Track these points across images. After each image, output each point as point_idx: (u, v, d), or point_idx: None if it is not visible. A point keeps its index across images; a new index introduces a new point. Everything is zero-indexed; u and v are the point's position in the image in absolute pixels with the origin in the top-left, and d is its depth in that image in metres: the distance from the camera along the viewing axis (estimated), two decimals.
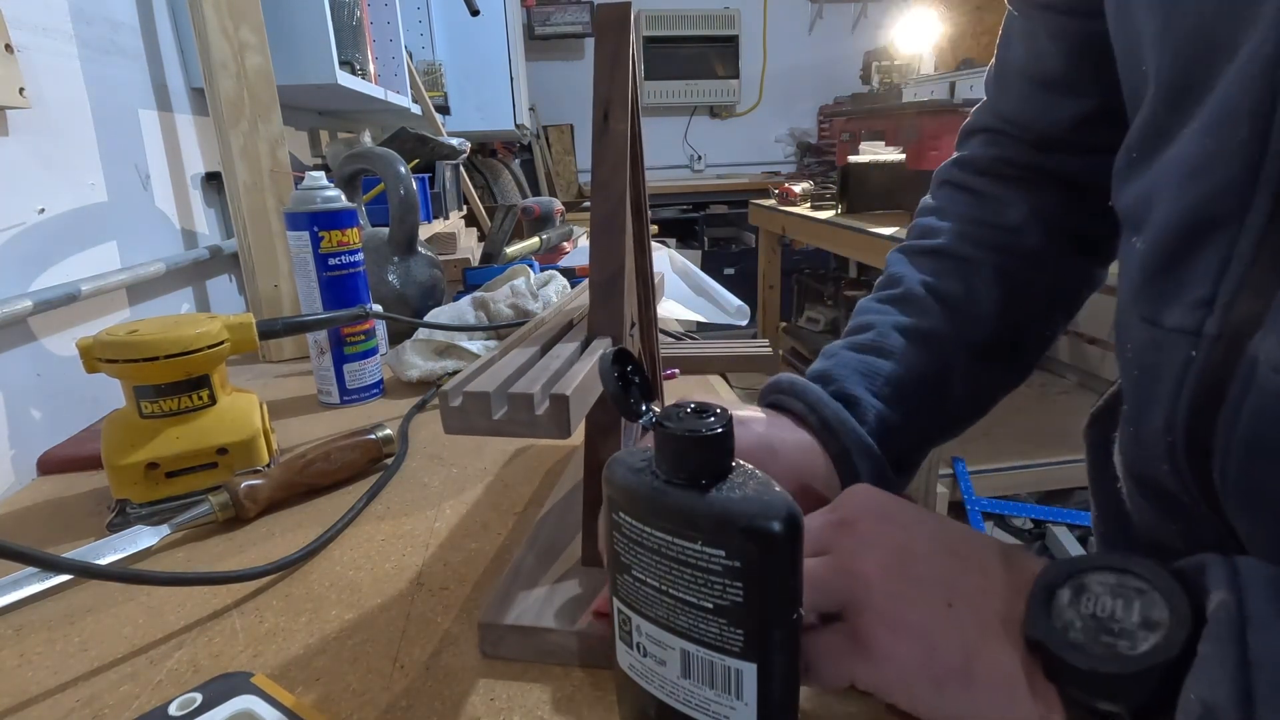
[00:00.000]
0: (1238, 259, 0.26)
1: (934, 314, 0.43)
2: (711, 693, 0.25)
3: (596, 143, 0.40)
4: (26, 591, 0.42)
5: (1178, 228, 0.29)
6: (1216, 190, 0.27)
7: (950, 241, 0.46)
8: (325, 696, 0.34)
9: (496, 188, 2.82)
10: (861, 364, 0.42)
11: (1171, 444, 0.30)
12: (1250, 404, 0.26)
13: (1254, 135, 0.25)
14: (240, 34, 0.81)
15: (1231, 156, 0.26)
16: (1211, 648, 0.20)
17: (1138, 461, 0.34)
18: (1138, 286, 0.32)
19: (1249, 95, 0.25)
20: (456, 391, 0.32)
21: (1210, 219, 0.27)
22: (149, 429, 0.51)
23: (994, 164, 0.47)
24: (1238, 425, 0.27)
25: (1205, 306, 0.28)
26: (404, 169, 0.89)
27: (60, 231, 0.69)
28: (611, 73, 0.40)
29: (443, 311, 0.84)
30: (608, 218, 0.40)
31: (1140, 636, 0.22)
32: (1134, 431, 0.33)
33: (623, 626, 0.27)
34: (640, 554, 0.25)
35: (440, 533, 0.49)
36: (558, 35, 3.85)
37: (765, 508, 0.23)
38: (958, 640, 0.25)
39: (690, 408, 0.25)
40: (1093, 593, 0.23)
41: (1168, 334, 0.29)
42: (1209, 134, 0.27)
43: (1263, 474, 0.27)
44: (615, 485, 0.26)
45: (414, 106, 1.75)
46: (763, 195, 3.02)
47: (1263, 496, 0.27)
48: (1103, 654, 0.22)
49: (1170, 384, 0.29)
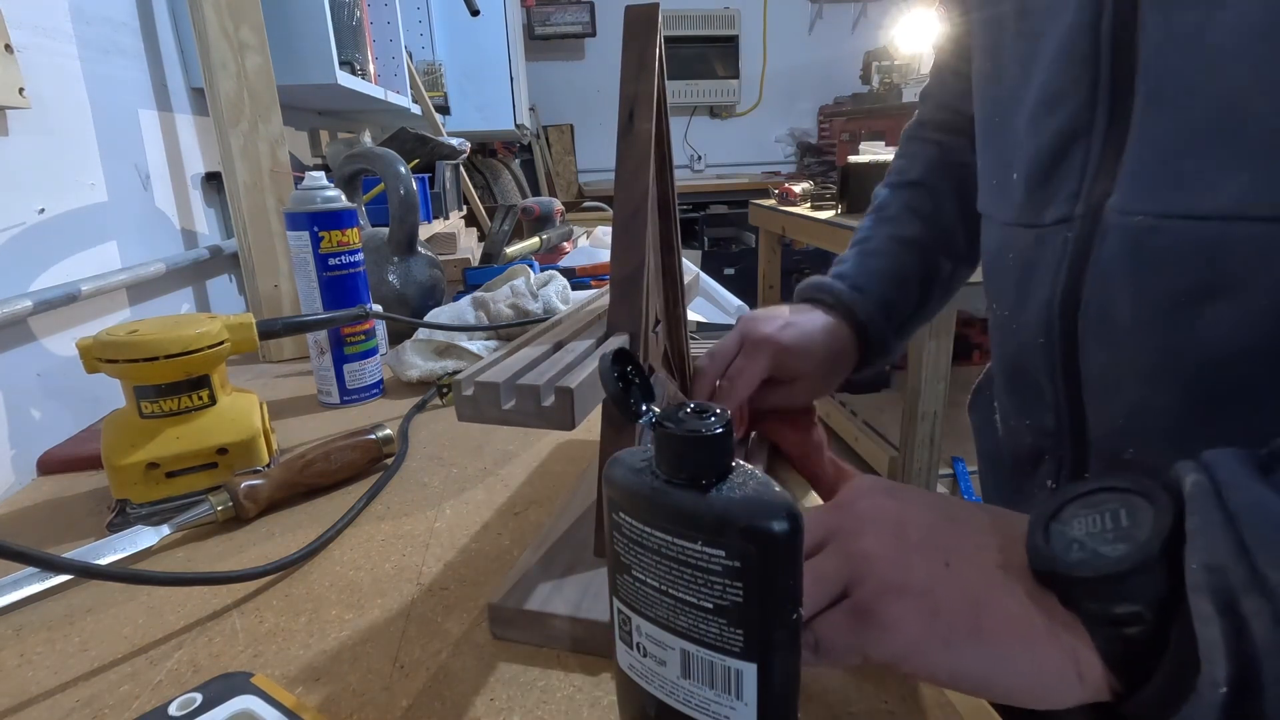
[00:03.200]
0: (1092, 157, 0.36)
1: (914, 225, 0.59)
2: (711, 693, 0.25)
3: (621, 142, 0.40)
4: (26, 591, 0.42)
5: (1049, 149, 0.38)
6: (1070, 114, 0.37)
7: (921, 176, 0.62)
8: (325, 696, 0.34)
9: (496, 188, 2.83)
10: (869, 266, 0.57)
11: (1049, 314, 0.39)
12: (1107, 245, 0.35)
13: (1088, 72, 0.35)
14: (240, 34, 0.81)
15: (1076, 90, 0.36)
16: (1197, 519, 0.22)
17: (1014, 357, 0.44)
18: (1020, 206, 0.41)
19: (1079, 47, 0.36)
20: (469, 381, 0.33)
21: (1071, 135, 0.37)
22: (149, 429, 0.51)
23: (945, 125, 0.63)
24: (1100, 264, 0.36)
25: (1074, 198, 0.37)
26: (404, 169, 0.89)
27: (60, 231, 0.69)
28: (638, 73, 0.41)
29: (443, 311, 0.84)
30: (630, 216, 0.40)
31: (1135, 533, 0.24)
32: (1015, 329, 0.43)
33: (623, 626, 0.27)
34: (640, 554, 0.25)
35: (440, 533, 0.49)
36: (558, 35, 3.85)
37: (765, 508, 0.23)
38: (960, 595, 0.26)
39: (690, 408, 0.25)
40: (1080, 516, 0.26)
41: (1048, 228, 0.39)
42: (1055, 78, 0.38)
43: (1114, 301, 0.35)
44: (615, 485, 0.26)
45: (414, 106, 1.75)
46: (763, 195, 3.02)
47: (1114, 327, 0.36)
48: (1109, 555, 0.24)
49: (1052, 263, 0.39)
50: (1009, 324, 0.44)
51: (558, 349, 0.40)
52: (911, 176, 0.62)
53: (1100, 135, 0.36)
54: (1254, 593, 0.21)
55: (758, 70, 4.26)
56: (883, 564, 0.28)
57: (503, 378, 0.33)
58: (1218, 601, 0.22)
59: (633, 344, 0.40)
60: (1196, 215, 0.31)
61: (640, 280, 0.40)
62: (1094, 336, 0.37)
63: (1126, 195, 0.34)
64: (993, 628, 0.26)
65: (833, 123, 3.74)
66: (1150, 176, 0.33)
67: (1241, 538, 0.21)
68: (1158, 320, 0.34)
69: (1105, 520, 0.25)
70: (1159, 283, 0.33)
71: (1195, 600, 0.22)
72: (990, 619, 0.26)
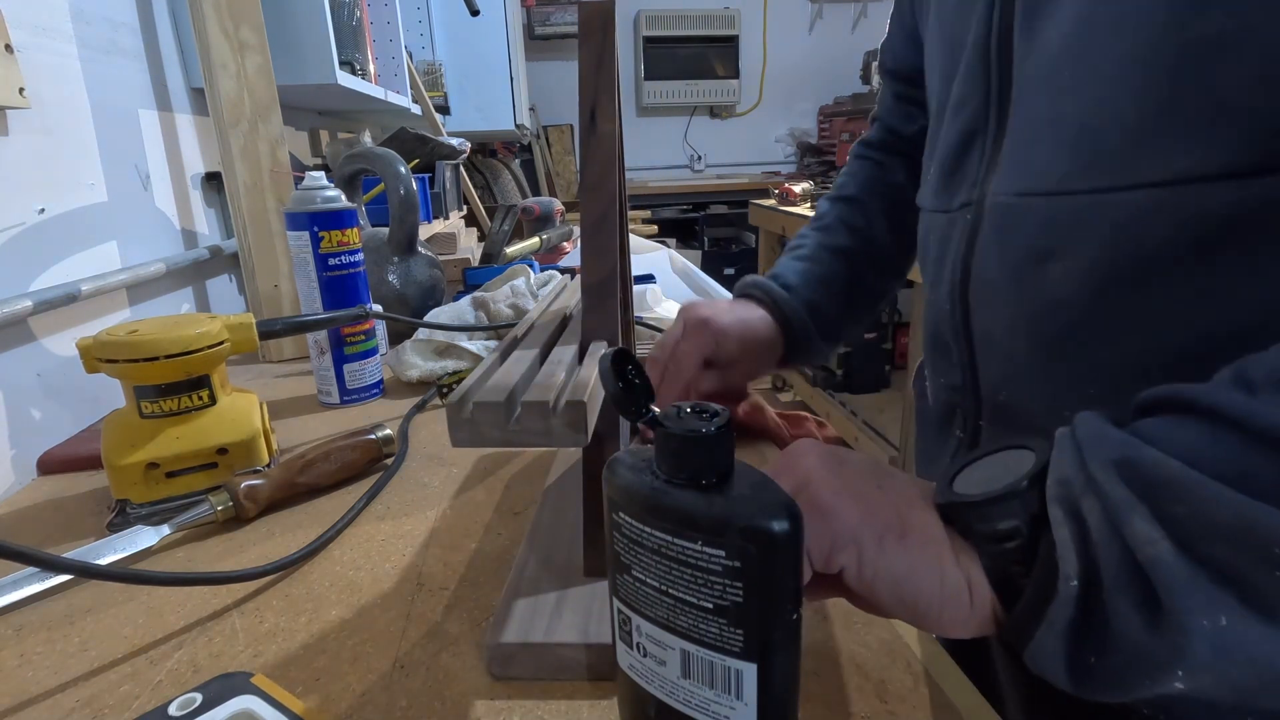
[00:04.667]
0: (986, 151, 0.43)
1: (844, 236, 0.65)
2: (711, 693, 0.25)
3: (584, 144, 0.39)
4: (26, 591, 0.42)
5: (955, 146, 0.46)
6: (972, 116, 0.44)
7: (857, 192, 0.67)
8: (325, 696, 0.34)
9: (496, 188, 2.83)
10: (798, 268, 0.63)
11: (953, 283, 0.45)
12: (985, 221, 0.42)
13: (983, 81, 0.43)
14: (240, 34, 0.81)
15: (975, 95, 0.43)
16: (1056, 452, 0.28)
17: (934, 325, 0.50)
18: (936, 193, 0.49)
19: (976, 60, 0.43)
20: (465, 401, 0.31)
21: (971, 134, 0.44)
22: (149, 429, 0.51)
23: (885, 145, 0.69)
24: (982, 237, 0.43)
25: (974, 185, 0.44)
26: (404, 169, 0.89)
27: (60, 231, 0.69)
28: (597, 74, 0.39)
29: (443, 311, 0.84)
30: (599, 220, 0.39)
31: (1018, 471, 0.29)
32: (934, 301, 0.49)
33: (623, 626, 0.27)
34: (640, 554, 0.25)
35: (440, 533, 0.49)
36: (558, 35, 3.85)
37: (765, 507, 0.23)
38: (890, 506, 0.30)
39: (689, 408, 0.25)
40: (981, 469, 0.31)
41: (956, 212, 0.46)
42: (960, 86, 0.45)
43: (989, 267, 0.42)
44: (615, 485, 0.26)
45: (414, 106, 1.75)
46: (763, 195, 3.02)
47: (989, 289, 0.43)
48: (995, 488, 0.29)
49: (957, 241, 0.45)
50: (931, 297, 0.50)
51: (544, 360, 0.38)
52: (849, 192, 0.68)
53: (992, 133, 0.43)
54: (1089, 494, 0.25)
55: (758, 70, 4.26)
56: (822, 474, 0.31)
57: (502, 395, 0.31)
58: (1066, 506, 0.26)
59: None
60: (1036, 193, 0.39)
61: (613, 285, 0.39)
62: (977, 299, 0.44)
63: (1000, 180, 0.42)
64: (914, 536, 0.29)
65: (833, 123, 3.74)
66: (1014, 164, 0.41)
67: (1082, 454, 0.26)
68: (1014, 280, 0.41)
69: (997, 468, 0.30)
70: (1013, 249, 0.40)
71: (1051, 510, 0.27)
72: (912, 529, 0.29)
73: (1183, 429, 0.25)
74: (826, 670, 0.35)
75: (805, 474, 0.31)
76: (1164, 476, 0.24)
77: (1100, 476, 0.25)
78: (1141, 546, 0.24)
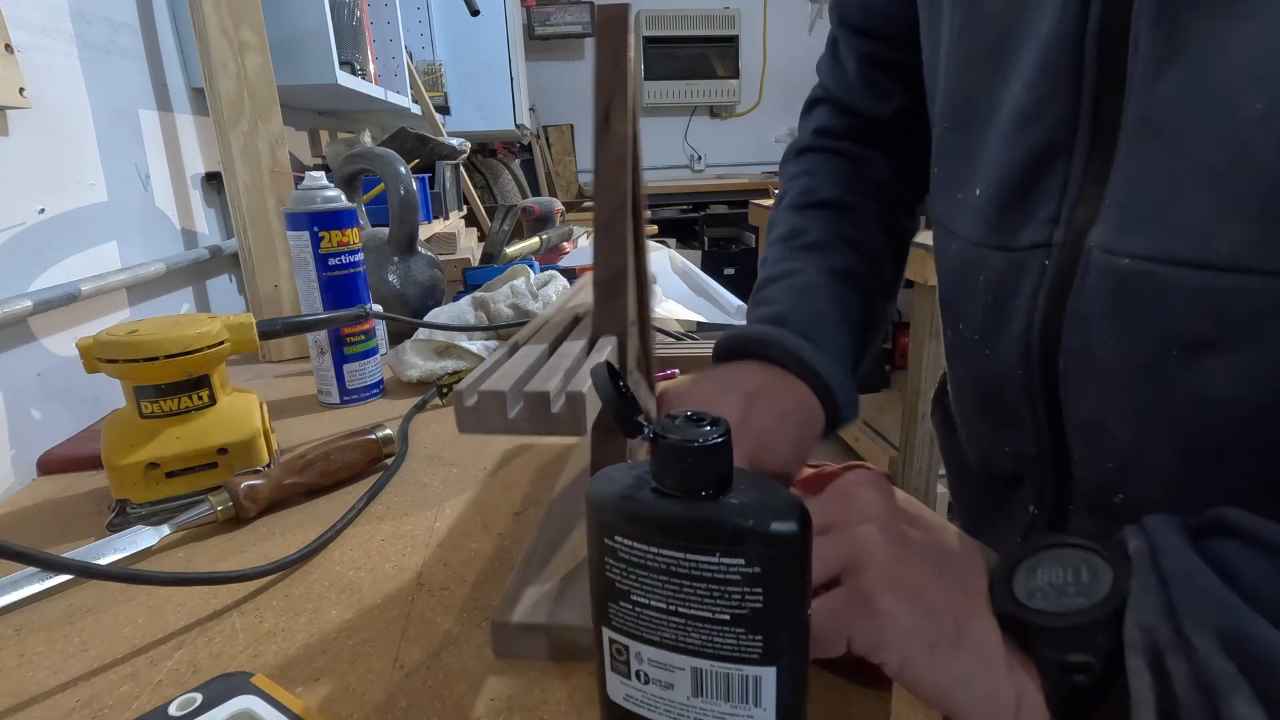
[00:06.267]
0: (1073, 180, 0.34)
1: (846, 255, 0.50)
2: (727, 705, 0.24)
3: (598, 144, 0.40)
4: (26, 591, 0.42)
5: (1022, 165, 0.36)
6: (1049, 129, 0.34)
7: (838, 195, 0.53)
8: (325, 696, 0.34)
9: (496, 188, 2.83)
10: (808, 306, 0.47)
11: (1028, 345, 0.37)
12: (1089, 282, 0.33)
13: (1071, 85, 0.33)
14: (240, 34, 0.81)
15: (1056, 103, 0.33)
16: (1136, 580, 0.25)
17: (988, 383, 0.41)
18: (991, 224, 0.38)
19: (1062, 57, 0.33)
20: (471, 391, 0.32)
21: (1048, 152, 0.34)
22: (149, 429, 0.51)
23: (852, 134, 0.55)
24: (1081, 301, 0.34)
25: (1052, 222, 0.35)
26: (404, 169, 0.89)
27: (60, 231, 0.69)
28: (612, 73, 0.40)
29: (443, 311, 0.84)
30: (610, 218, 0.40)
31: (1094, 590, 0.26)
32: (988, 355, 0.40)
33: (617, 657, 0.26)
34: (642, 576, 0.24)
35: (440, 533, 0.49)
36: (558, 35, 3.84)
37: (779, 510, 0.22)
38: (949, 607, 0.27)
39: (684, 417, 0.24)
40: (1046, 567, 0.27)
41: (1023, 253, 0.36)
42: (1033, 90, 0.34)
43: (1098, 343, 0.33)
44: (608, 509, 0.24)
45: (414, 106, 1.75)
46: (763, 195, 3.02)
47: (1100, 369, 0.34)
48: (1068, 608, 0.26)
49: (1029, 291, 0.36)
50: (979, 348, 0.41)
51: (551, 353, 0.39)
52: (825, 195, 0.53)
53: (1082, 157, 0.33)
54: (1178, 653, 0.23)
55: (758, 70, 4.26)
56: (883, 556, 0.28)
57: (506, 385, 0.32)
58: (1148, 658, 0.23)
59: (619, 346, 0.40)
60: (1192, 264, 0.29)
61: (623, 282, 0.39)
62: (1077, 377, 0.35)
63: (1112, 230, 0.32)
64: (971, 646, 0.27)
65: None
66: (1139, 214, 0.31)
67: (1170, 601, 0.23)
68: (1148, 369, 0.32)
69: (1068, 574, 0.27)
70: (1149, 330, 0.31)
71: (1130, 655, 0.24)
72: (970, 636, 0.27)
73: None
74: (826, 670, 0.35)
75: (864, 551, 0.28)
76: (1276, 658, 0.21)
77: (1198, 642, 0.22)
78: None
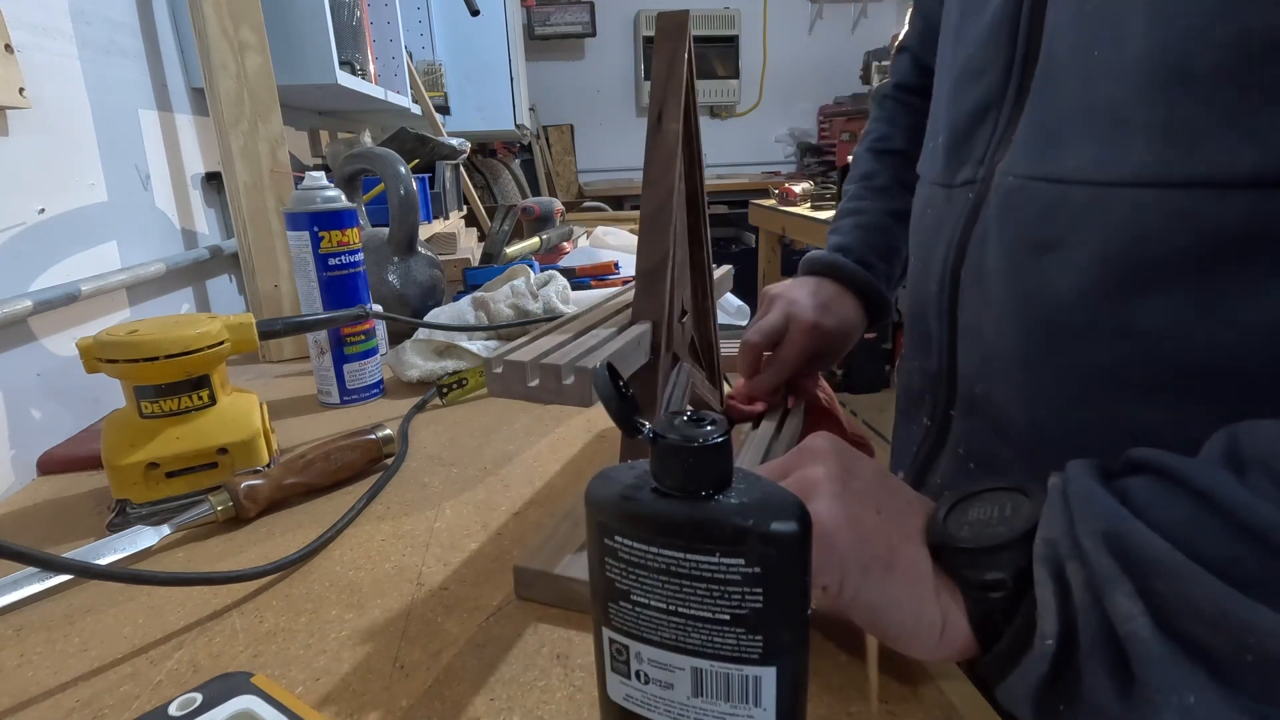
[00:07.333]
0: (999, 127, 0.41)
1: (904, 199, 0.60)
2: (727, 705, 0.24)
3: (650, 141, 0.43)
4: (26, 591, 0.42)
5: (967, 117, 0.44)
6: (988, 87, 0.42)
7: (905, 145, 0.65)
8: (325, 696, 0.34)
9: (496, 188, 2.83)
10: (868, 240, 0.63)
11: (945, 265, 0.44)
12: (989, 203, 0.41)
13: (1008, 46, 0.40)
14: (240, 34, 0.81)
15: (995, 65, 0.41)
16: (1047, 507, 0.28)
17: (918, 304, 0.49)
18: (941, 167, 0.47)
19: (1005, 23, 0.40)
20: (499, 360, 0.37)
21: (985, 104, 0.42)
22: (149, 429, 0.51)
23: (922, 89, 0.63)
24: (983, 220, 0.41)
25: (979, 162, 0.43)
26: (404, 169, 0.89)
27: (60, 231, 0.69)
28: (667, 76, 0.44)
29: (443, 311, 0.84)
30: (656, 211, 0.42)
31: (1014, 521, 0.29)
32: (920, 280, 0.49)
33: (617, 657, 0.26)
34: (642, 577, 0.24)
35: (440, 533, 0.49)
36: (558, 35, 3.84)
37: (779, 509, 0.23)
38: (883, 537, 0.31)
39: (684, 417, 0.24)
40: (977, 507, 0.31)
41: (957, 188, 0.45)
42: (979, 53, 0.43)
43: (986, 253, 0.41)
44: (608, 509, 0.24)
45: (414, 106, 1.75)
46: (763, 195, 3.02)
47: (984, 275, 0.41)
48: (988, 535, 0.30)
49: (952, 219, 0.44)
50: (919, 277, 0.49)
51: (582, 335, 0.42)
52: (896, 145, 0.66)
53: (1009, 107, 0.41)
54: (1074, 559, 0.26)
55: (758, 70, 4.26)
56: (826, 494, 0.31)
57: (529, 357, 0.37)
58: (1050, 568, 0.27)
59: (655, 332, 0.42)
60: (1048, 178, 0.37)
61: (664, 272, 0.42)
62: (969, 284, 0.43)
63: (1011, 159, 0.39)
64: (901, 570, 0.30)
65: (833, 122, 3.73)
66: (1030, 144, 0.38)
67: (1071, 517, 0.27)
68: (1008, 270, 0.39)
69: (993, 510, 0.31)
70: (1016, 235, 0.39)
71: (1036, 567, 0.27)
72: (900, 562, 0.30)
73: (1173, 505, 0.25)
74: (826, 670, 0.35)
75: (812, 484, 0.32)
76: (1150, 555, 0.24)
77: (1087, 545, 0.25)
78: (1121, 620, 0.24)
